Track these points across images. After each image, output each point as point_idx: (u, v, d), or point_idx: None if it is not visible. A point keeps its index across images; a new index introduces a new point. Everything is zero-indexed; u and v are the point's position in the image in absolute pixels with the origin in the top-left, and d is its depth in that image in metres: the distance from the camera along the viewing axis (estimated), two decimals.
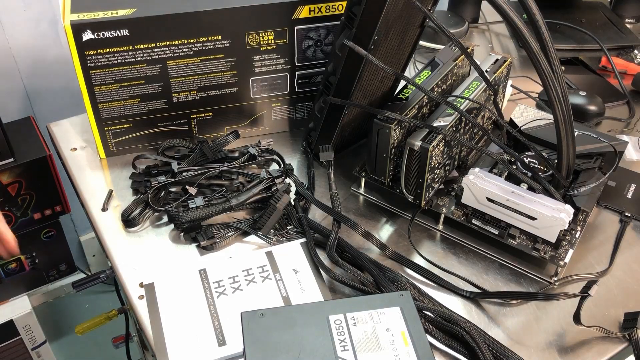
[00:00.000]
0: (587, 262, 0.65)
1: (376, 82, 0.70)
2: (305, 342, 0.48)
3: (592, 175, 0.69)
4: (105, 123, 0.74)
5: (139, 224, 0.68)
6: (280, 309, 0.53)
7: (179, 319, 0.57)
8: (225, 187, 0.70)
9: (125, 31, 0.67)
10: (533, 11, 0.56)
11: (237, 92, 0.76)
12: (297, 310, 0.52)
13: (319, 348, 0.48)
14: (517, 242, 0.64)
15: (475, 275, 0.64)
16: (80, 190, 0.73)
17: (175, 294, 0.59)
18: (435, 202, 0.69)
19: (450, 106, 0.65)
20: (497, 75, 0.74)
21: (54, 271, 1.19)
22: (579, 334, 0.58)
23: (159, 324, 0.56)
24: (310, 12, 0.72)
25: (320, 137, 0.74)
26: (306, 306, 0.53)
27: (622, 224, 0.70)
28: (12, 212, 1.02)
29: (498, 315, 0.60)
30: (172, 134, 0.78)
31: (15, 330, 1.14)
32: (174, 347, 0.54)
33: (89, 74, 0.69)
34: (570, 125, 0.60)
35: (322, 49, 0.76)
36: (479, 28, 1.15)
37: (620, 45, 1.06)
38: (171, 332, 0.55)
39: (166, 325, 0.56)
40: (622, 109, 0.92)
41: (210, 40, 0.70)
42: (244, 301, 0.58)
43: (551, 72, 0.57)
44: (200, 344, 0.54)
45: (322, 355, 0.48)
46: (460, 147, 0.71)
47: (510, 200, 0.62)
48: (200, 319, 0.56)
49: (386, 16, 0.60)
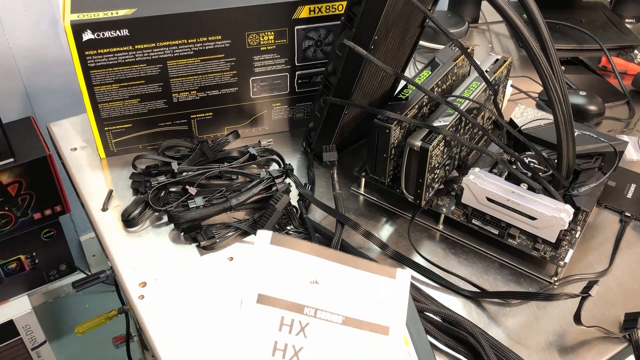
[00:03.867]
0: (587, 262, 0.65)
1: (376, 82, 0.70)
2: None
3: (592, 175, 0.69)
4: (105, 123, 0.74)
5: (139, 224, 0.68)
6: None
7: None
8: (225, 187, 0.70)
9: (125, 31, 0.67)
10: (533, 11, 0.56)
11: (237, 92, 0.76)
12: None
13: None
14: (517, 242, 0.64)
15: (475, 275, 0.64)
16: (80, 190, 0.73)
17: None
18: (435, 202, 0.69)
19: (450, 106, 0.65)
20: (497, 75, 0.74)
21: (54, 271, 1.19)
22: (579, 334, 0.58)
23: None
24: (310, 12, 0.72)
25: (320, 137, 0.74)
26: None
27: (622, 224, 0.70)
28: (12, 212, 1.02)
29: (498, 315, 0.60)
30: (172, 134, 0.78)
31: (15, 330, 1.14)
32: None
33: (89, 74, 0.69)
34: (571, 125, 0.60)
35: (322, 49, 0.76)
36: (479, 28, 1.15)
37: (620, 45, 1.06)
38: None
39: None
40: (622, 109, 0.91)
41: (210, 40, 0.70)
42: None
43: (551, 72, 0.57)
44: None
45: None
46: (460, 147, 0.71)
47: (510, 200, 0.62)
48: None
49: (386, 16, 0.60)
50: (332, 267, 0.47)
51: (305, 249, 0.47)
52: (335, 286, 0.46)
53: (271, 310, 0.45)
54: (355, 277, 0.47)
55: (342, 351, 0.45)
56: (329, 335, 0.45)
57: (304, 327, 0.45)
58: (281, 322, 0.45)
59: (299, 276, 0.46)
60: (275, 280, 0.45)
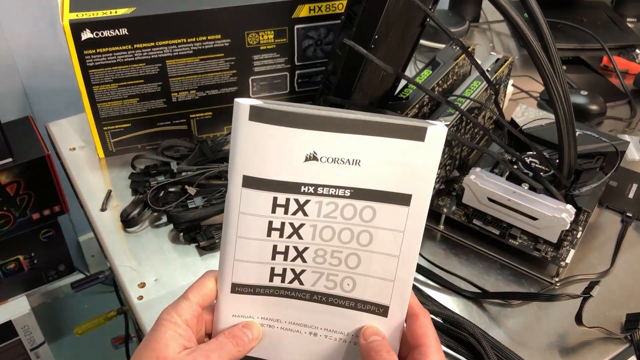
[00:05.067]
0: (588, 262, 0.65)
1: (377, 82, 0.70)
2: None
3: (594, 175, 0.68)
4: (104, 123, 0.74)
5: (138, 224, 0.68)
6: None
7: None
8: (225, 187, 0.69)
9: (124, 30, 0.66)
10: (534, 10, 0.55)
11: (237, 92, 0.76)
12: None
13: None
14: (518, 243, 0.64)
15: (476, 276, 0.63)
16: (79, 190, 0.73)
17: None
18: (436, 202, 0.68)
19: (451, 106, 0.65)
20: (498, 74, 0.73)
21: (53, 271, 1.19)
22: (580, 335, 0.58)
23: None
24: (310, 11, 0.72)
25: None
26: None
27: (624, 224, 0.70)
28: (11, 212, 1.02)
29: (499, 316, 0.59)
30: (171, 134, 0.77)
31: (14, 330, 1.14)
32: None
33: (87, 74, 0.69)
34: (572, 125, 0.60)
35: (322, 48, 0.76)
36: (480, 27, 1.14)
37: (621, 44, 1.05)
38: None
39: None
40: (624, 108, 0.91)
41: (210, 39, 0.70)
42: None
43: (552, 72, 0.57)
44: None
45: None
46: (461, 147, 0.70)
47: (512, 200, 0.61)
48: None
49: (387, 15, 0.60)
50: (334, 138, 0.36)
51: (296, 122, 0.36)
52: (339, 160, 0.37)
53: (260, 193, 0.38)
54: (367, 146, 0.37)
55: (349, 226, 0.39)
56: (334, 211, 0.38)
57: (302, 205, 0.38)
58: (274, 203, 0.38)
59: (291, 154, 0.37)
60: (261, 161, 0.37)
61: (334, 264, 0.40)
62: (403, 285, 0.40)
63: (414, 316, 0.40)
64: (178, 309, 0.39)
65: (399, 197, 0.38)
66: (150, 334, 0.39)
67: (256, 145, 0.37)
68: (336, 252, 0.40)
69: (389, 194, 0.38)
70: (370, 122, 0.36)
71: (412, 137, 0.37)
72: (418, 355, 0.39)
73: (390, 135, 0.37)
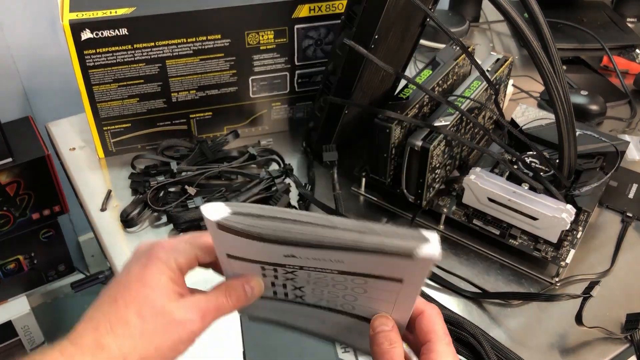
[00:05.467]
0: (588, 262, 0.65)
1: (377, 82, 0.70)
2: (306, 343, 0.48)
3: (594, 175, 0.68)
4: (104, 123, 0.74)
5: (138, 224, 0.68)
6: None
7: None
8: (225, 187, 0.69)
9: (124, 30, 0.66)
10: (534, 10, 0.55)
11: (237, 92, 0.76)
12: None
13: (320, 349, 0.48)
14: (519, 243, 0.64)
15: (477, 276, 0.63)
16: (79, 190, 0.73)
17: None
18: (436, 202, 0.68)
19: (451, 106, 0.65)
20: (498, 74, 0.73)
21: (53, 272, 1.19)
22: (580, 335, 0.58)
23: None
24: (310, 11, 0.72)
25: (321, 137, 0.74)
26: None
27: (624, 224, 0.69)
28: (11, 212, 1.02)
29: (499, 316, 0.59)
30: (171, 134, 0.77)
31: (14, 330, 1.14)
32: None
33: (87, 74, 0.69)
34: (572, 125, 0.60)
35: (322, 48, 0.76)
36: (480, 27, 1.14)
37: (621, 44, 1.05)
38: None
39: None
40: (624, 108, 0.91)
41: (210, 39, 0.70)
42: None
43: (552, 72, 0.57)
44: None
45: (323, 356, 0.47)
46: (461, 147, 0.70)
47: (512, 200, 0.61)
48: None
49: (387, 15, 0.60)
50: (311, 251, 0.34)
51: (269, 239, 0.33)
52: (320, 260, 0.35)
53: (246, 263, 0.37)
54: (350, 256, 0.33)
55: (342, 285, 0.37)
56: (324, 278, 0.36)
57: (291, 272, 0.37)
58: (262, 269, 0.37)
59: (269, 254, 0.35)
60: (241, 251, 0.36)
61: (333, 296, 0.40)
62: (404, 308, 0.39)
63: (419, 313, 0.41)
64: (177, 253, 0.36)
65: (390, 278, 0.35)
66: (143, 271, 0.35)
67: (232, 245, 0.35)
68: (333, 291, 0.39)
69: (378, 276, 0.36)
70: (351, 243, 0.32)
71: (400, 257, 0.33)
72: (425, 351, 0.39)
73: (374, 254, 0.33)
